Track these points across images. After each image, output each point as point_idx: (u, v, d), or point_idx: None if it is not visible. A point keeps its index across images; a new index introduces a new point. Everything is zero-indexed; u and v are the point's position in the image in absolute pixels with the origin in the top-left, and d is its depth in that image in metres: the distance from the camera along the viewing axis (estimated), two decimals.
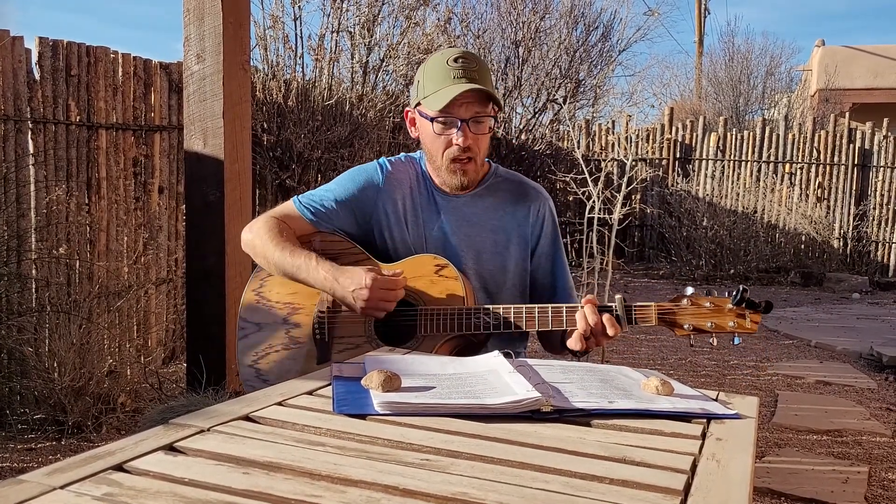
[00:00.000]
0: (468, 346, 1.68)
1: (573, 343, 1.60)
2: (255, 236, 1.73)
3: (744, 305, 1.52)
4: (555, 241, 1.84)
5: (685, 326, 1.55)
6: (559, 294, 1.82)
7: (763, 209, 9.03)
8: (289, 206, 1.79)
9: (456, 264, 1.69)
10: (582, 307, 1.59)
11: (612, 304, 1.60)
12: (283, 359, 1.70)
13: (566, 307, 1.62)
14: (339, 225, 1.77)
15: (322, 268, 1.64)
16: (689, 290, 1.57)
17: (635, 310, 1.59)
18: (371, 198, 1.76)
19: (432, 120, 1.67)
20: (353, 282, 1.60)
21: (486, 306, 1.65)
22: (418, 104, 1.72)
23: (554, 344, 1.80)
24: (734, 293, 1.52)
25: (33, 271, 3.46)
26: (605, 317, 1.56)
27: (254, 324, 1.73)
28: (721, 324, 1.53)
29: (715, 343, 1.57)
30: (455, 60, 1.66)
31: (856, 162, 8.98)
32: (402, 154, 1.85)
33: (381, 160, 1.81)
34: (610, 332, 1.55)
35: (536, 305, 1.64)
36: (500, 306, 1.64)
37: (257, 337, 1.72)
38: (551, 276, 1.84)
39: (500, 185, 1.82)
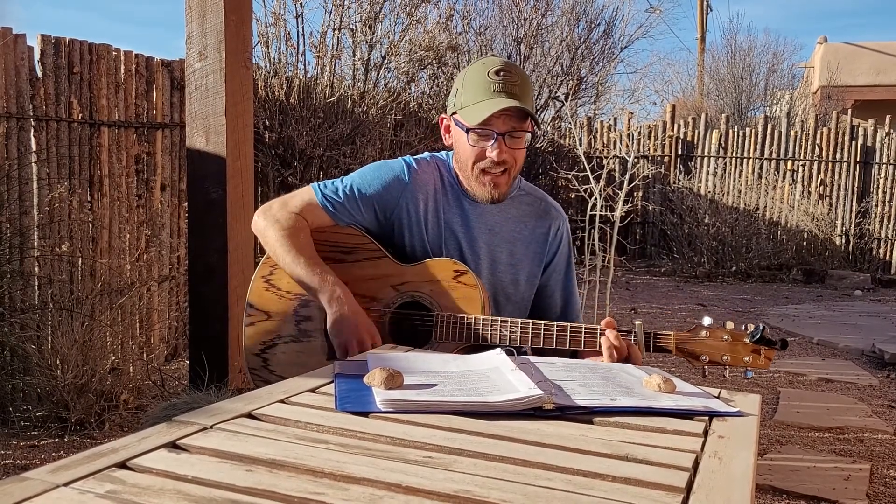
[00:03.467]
0: (476, 346, 1.68)
1: None
2: (269, 228, 1.70)
3: (760, 342, 1.52)
4: (568, 261, 1.84)
5: (701, 358, 1.55)
6: (565, 314, 1.81)
7: (765, 206, 9.02)
8: (309, 194, 1.74)
9: (472, 270, 1.68)
10: (602, 330, 1.57)
11: (632, 330, 1.57)
12: (293, 350, 1.69)
13: (585, 328, 1.59)
14: (359, 220, 1.74)
15: (338, 288, 1.62)
16: (707, 321, 1.55)
17: (655, 338, 1.58)
18: (395, 196, 1.73)
19: (468, 131, 1.65)
20: (358, 321, 1.59)
21: (505, 319, 1.63)
22: (455, 113, 1.70)
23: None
24: (753, 330, 1.52)
25: (36, 269, 3.46)
26: (634, 349, 1.54)
27: (262, 311, 1.71)
28: (736, 359, 1.53)
29: (728, 376, 1.56)
30: (497, 73, 1.63)
31: (858, 159, 8.96)
32: (428, 154, 1.83)
33: (407, 158, 1.78)
34: (634, 362, 1.54)
35: (555, 323, 1.62)
36: (519, 320, 1.63)
37: (265, 325, 1.71)
38: (561, 294, 1.83)
39: (523, 199, 1.81)
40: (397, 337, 1.67)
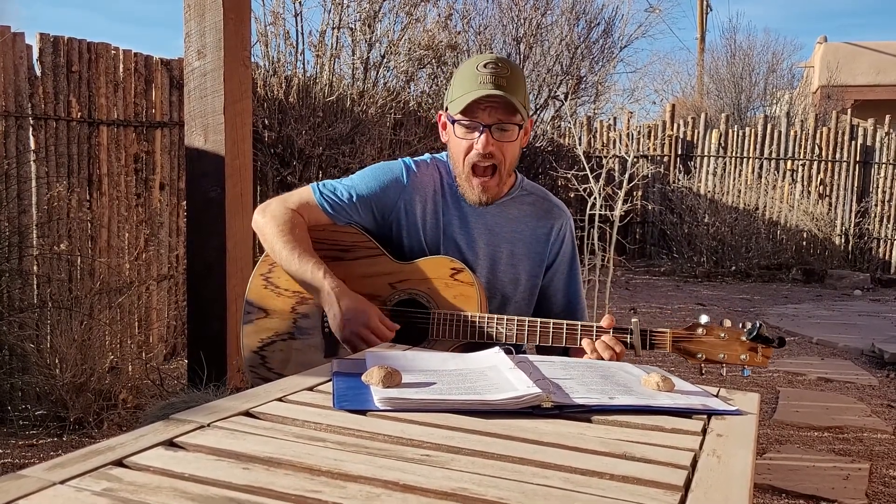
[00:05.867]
0: (473, 344, 1.68)
1: None
2: (267, 224, 1.71)
3: (757, 340, 1.51)
4: (572, 260, 1.83)
5: (698, 356, 1.54)
6: (569, 312, 1.81)
7: (765, 206, 9.02)
8: (307, 194, 1.76)
9: (469, 269, 1.68)
10: (599, 330, 1.57)
11: (629, 328, 1.57)
12: (290, 348, 1.70)
13: (581, 325, 1.60)
14: (356, 220, 1.75)
15: (328, 280, 1.62)
16: (704, 319, 1.55)
17: (651, 335, 1.58)
18: (393, 197, 1.74)
19: (454, 122, 1.66)
20: (357, 308, 1.58)
21: (501, 316, 1.63)
22: (447, 109, 1.71)
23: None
24: (750, 328, 1.51)
25: (35, 268, 3.46)
26: (619, 348, 1.55)
27: (260, 309, 1.72)
28: (733, 357, 1.53)
29: (725, 374, 1.55)
30: (485, 66, 1.63)
31: (857, 159, 8.96)
32: (428, 155, 1.83)
33: (406, 160, 1.79)
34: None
35: (552, 320, 1.62)
36: (515, 317, 1.63)
37: (264, 323, 1.71)
38: (564, 293, 1.83)
39: (525, 199, 1.80)
40: (395, 335, 1.66)
